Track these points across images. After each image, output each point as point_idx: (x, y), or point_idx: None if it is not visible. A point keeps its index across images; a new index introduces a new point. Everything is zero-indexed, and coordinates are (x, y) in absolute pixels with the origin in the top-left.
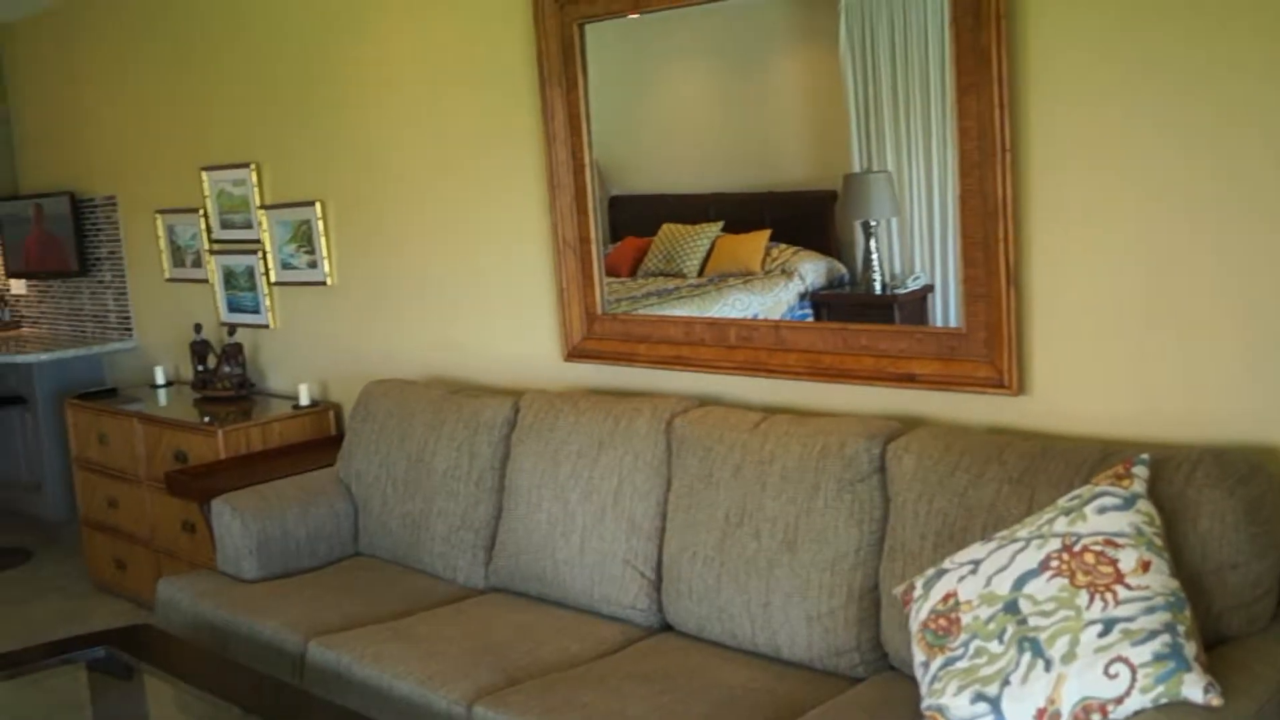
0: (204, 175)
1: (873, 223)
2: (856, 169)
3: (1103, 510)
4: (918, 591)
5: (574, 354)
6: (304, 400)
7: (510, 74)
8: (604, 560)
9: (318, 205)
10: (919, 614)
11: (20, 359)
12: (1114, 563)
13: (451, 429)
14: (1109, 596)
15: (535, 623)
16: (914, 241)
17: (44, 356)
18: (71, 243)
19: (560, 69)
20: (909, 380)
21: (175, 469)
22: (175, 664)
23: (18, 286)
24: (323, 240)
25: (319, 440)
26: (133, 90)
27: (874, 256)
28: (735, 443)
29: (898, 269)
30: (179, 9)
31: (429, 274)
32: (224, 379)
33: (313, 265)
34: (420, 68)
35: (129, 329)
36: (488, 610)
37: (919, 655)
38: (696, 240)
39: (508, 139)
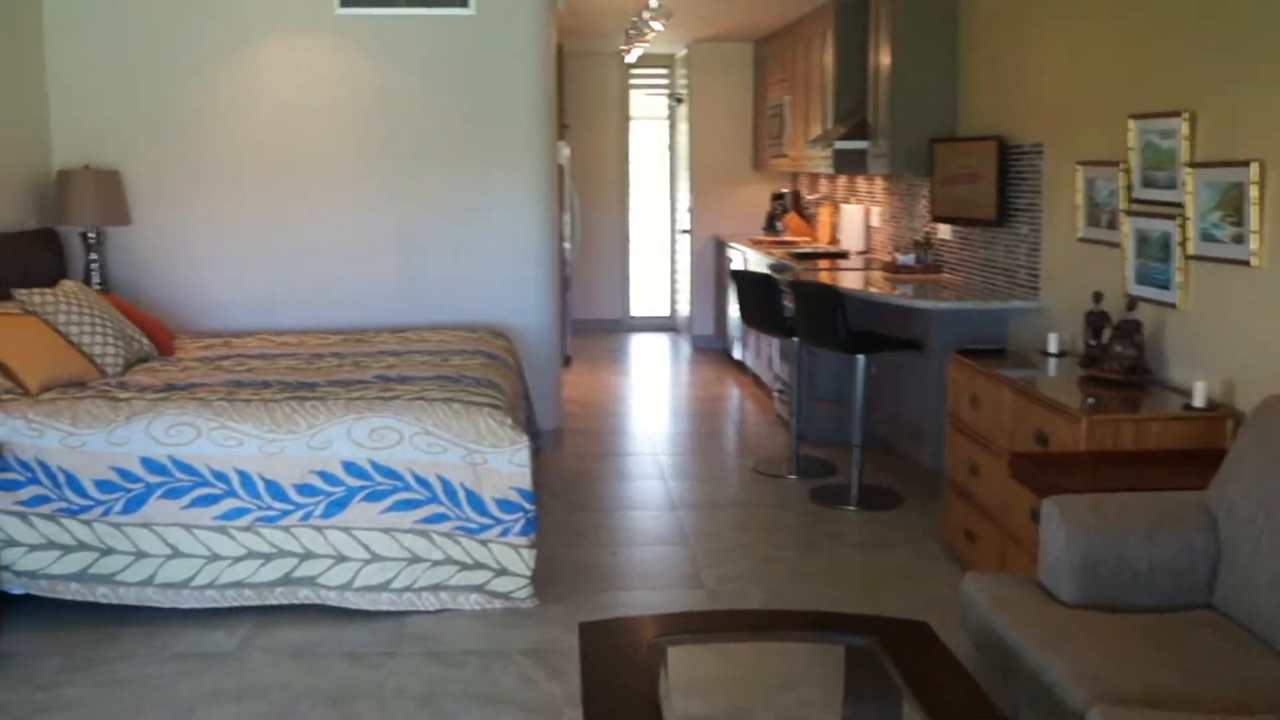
0: (1131, 124)
1: None
2: None
3: None
4: None
5: None
6: (1198, 401)
7: None
8: None
9: (1253, 167)
10: None
11: (921, 304)
12: None
13: None
14: None
15: None
16: None
17: (942, 305)
18: (994, 191)
19: None
20: None
21: (1026, 451)
22: (927, 684)
23: (944, 231)
24: (1254, 210)
25: (1204, 452)
26: (1073, 30)
27: None
28: None
29: None
30: None
31: None
32: (1114, 359)
33: (1238, 240)
34: None
35: (1035, 288)
36: None
37: None
38: None
39: None
